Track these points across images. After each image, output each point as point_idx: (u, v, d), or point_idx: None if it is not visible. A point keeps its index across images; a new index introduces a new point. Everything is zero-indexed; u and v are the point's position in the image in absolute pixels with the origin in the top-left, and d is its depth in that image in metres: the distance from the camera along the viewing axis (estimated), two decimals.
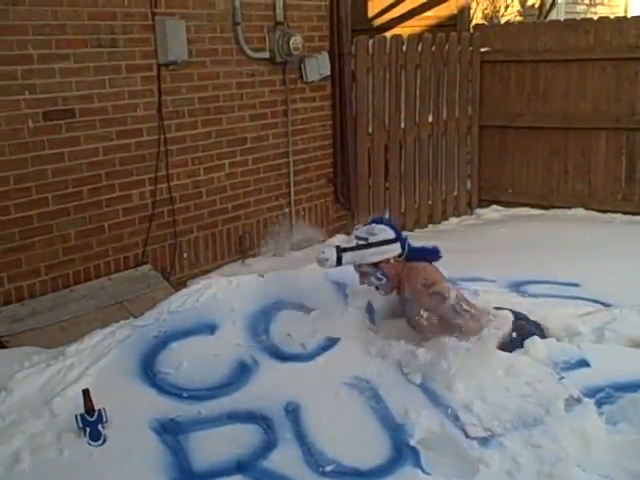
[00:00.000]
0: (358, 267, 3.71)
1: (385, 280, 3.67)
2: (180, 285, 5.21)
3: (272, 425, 3.12)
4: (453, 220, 7.62)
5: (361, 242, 3.66)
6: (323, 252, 3.64)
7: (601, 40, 7.24)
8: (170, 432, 3.08)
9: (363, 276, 3.72)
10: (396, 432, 3.06)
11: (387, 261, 3.66)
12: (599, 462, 2.82)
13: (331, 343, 3.66)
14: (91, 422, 2.97)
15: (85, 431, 2.95)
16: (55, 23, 4.66)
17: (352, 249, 3.65)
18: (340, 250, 3.64)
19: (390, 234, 3.69)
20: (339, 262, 3.63)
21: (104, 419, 2.99)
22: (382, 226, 3.72)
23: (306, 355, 3.59)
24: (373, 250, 3.64)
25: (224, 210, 5.88)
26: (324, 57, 6.52)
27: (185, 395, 3.29)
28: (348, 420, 3.14)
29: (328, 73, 6.56)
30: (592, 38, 7.28)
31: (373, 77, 6.89)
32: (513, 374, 3.33)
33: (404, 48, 7.12)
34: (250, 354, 3.57)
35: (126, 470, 2.85)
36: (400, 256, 3.70)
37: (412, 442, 2.99)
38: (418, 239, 6.61)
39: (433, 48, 7.36)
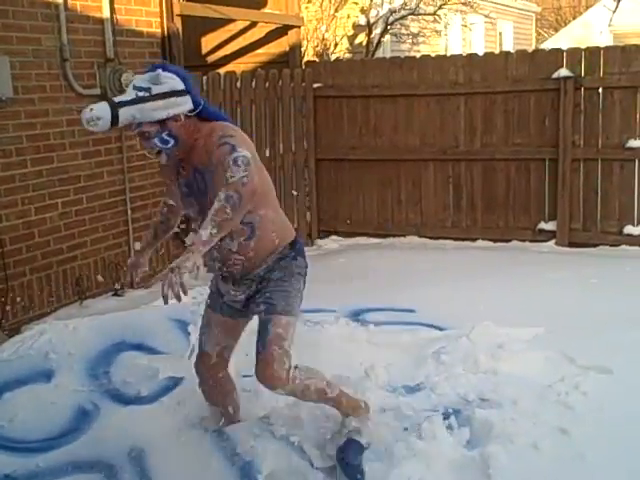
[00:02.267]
0: (138, 126, 2.82)
1: (173, 143, 2.86)
2: (13, 331, 4.95)
3: (115, 472, 3.03)
4: None
5: (142, 93, 2.78)
6: (91, 109, 2.75)
7: (424, 77, 7.60)
8: None
9: (144, 138, 2.86)
10: (244, 469, 3.05)
11: (176, 118, 2.85)
12: None
13: (174, 383, 3.61)
14: None
15: None
16: None
17: (131, 102, 2.77)
18: (116, 105, 2.76)
19: (179, 84, 2.86)
20: (115, 121, 2.76)
21: None
22: (169, 74, 2.86)
23: (149, 397, 3.52)
24: (159, 103, 2.80)
25: (59, 251, 5.65)
26: None
27: (21, 448, 3.14)
28: (195, 460, 3.10)
29: None
30: (416, 75, 7.63)
31: None
32: None
33: (238, 84, 7.19)
34: (90, 399, 3.47)
35: None
36: (192, 112, 2.89)
37: (260, 478, 2.99)
38: None
39: (267, 84, 7.48)
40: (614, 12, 16.47)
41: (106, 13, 5.94)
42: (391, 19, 11.94)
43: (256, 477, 2.99)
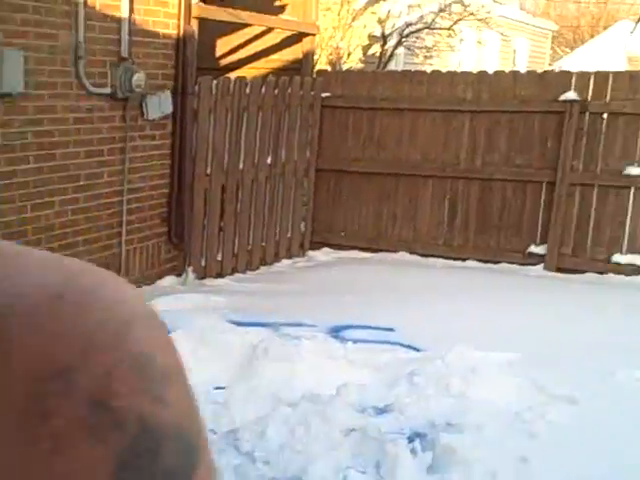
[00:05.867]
0: None
1: None
2: None
3: None
4: (285, 262, 7.61)
5: None
6: None
7: (433, 92, 7.61)
8: None
9: None
10: None
11: None
12: None
13: None
14: None
15: None
16: None
17: None
18: None
19: None
20: None
21: None
22: None
23: None
24: None
25: (50, 250, 5.67)
26: (167, 95, 6.51)
27: None
28: None
29: (170, 111, 6.57)
30: (425, 89, 7.65)
31: (215, 117, 6.94)
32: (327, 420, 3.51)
33: (248, 90, 7.23)
34: None
35: None
36: None
37: None
38: (251, 281, 6.73)
39: (276, 91, 7.52)
40: (632, 33, 16.42)
41: (125, 12, 5.96)
42: (406, 32, 11.95)
43: None
